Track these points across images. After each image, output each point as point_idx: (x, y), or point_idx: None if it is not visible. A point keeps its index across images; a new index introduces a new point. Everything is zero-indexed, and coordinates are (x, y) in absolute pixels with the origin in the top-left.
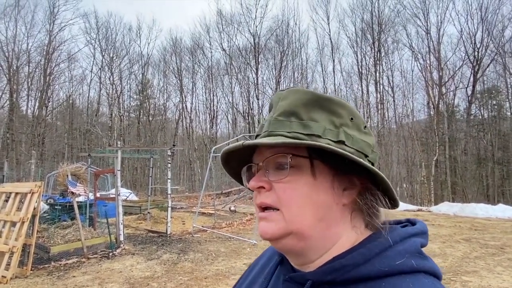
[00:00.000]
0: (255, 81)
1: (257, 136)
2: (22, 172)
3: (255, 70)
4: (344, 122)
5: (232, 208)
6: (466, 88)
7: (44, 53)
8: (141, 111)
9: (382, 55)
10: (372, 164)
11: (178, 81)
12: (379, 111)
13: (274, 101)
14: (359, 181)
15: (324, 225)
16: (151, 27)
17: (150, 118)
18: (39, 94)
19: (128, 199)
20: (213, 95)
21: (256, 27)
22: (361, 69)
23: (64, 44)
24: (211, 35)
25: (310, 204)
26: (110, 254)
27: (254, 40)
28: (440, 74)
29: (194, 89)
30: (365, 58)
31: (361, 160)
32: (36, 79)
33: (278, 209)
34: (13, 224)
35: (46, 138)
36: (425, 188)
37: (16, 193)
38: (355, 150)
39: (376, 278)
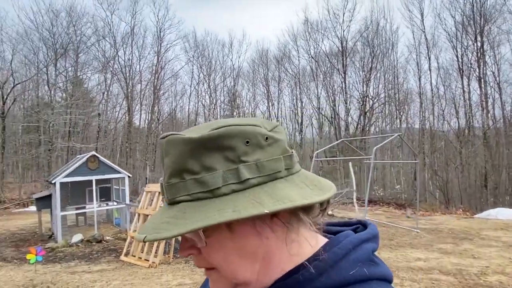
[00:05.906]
0: (343, 85)
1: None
2: (138, 177)
3: (342, 74)
4: (240, 152)
5: (330, 213)
6: None
7: (153, 72)
8: None
9: (486, 49)
10: (289, 169)
11: (265, 90)
12: (484, 110)
13: (161, 155)
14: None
15: (266, 263)
16: (241, 41)
17: None
18: (150, 108)
19: None
20: (299, 101)
21: (343, 31)
22: (462, 66)
23: (169, 64)
24: (298, 43)
25: (240, 255)
26: None
27: (341, 44)
28: None
29: (280, 96)
30: (466, 53)
31: (263, 209)
32: (147, 95)
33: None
34: None
35: (157, 147)
36: None
37: (159, 192)
38: (267, 176)
39: None
